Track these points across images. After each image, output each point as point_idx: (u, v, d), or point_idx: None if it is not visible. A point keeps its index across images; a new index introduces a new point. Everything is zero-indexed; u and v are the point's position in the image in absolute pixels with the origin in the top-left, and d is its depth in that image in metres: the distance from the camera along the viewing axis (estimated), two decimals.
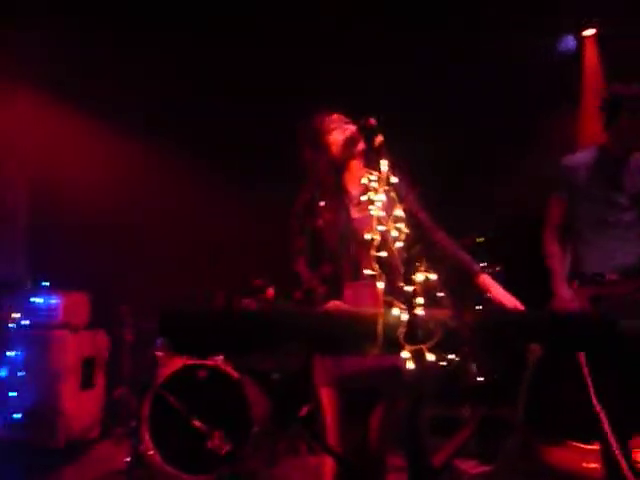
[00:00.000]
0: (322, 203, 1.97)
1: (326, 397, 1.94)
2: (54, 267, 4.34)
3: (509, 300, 1.83)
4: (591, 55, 4.66)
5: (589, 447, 2.91)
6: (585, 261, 2.51)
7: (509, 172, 4.52)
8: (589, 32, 4.66)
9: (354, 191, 2.02)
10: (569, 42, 4.64)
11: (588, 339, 1.56)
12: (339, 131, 2.00)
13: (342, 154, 2.01)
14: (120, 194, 4.69)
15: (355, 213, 1.97)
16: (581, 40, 4.70)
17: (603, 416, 1.66)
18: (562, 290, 2.47)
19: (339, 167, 2.03)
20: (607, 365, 1.97)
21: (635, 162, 2.53)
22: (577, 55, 4.71)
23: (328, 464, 1.96)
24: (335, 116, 2.05)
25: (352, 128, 1.93)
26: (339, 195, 2.00)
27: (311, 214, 1.99)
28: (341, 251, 1.92)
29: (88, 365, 4.16)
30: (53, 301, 4.07)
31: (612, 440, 1.71)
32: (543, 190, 2.83)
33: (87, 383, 4.13)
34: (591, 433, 2.77)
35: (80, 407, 3.98)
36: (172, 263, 4.70)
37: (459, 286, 1.76)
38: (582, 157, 2.63)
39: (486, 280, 1.91)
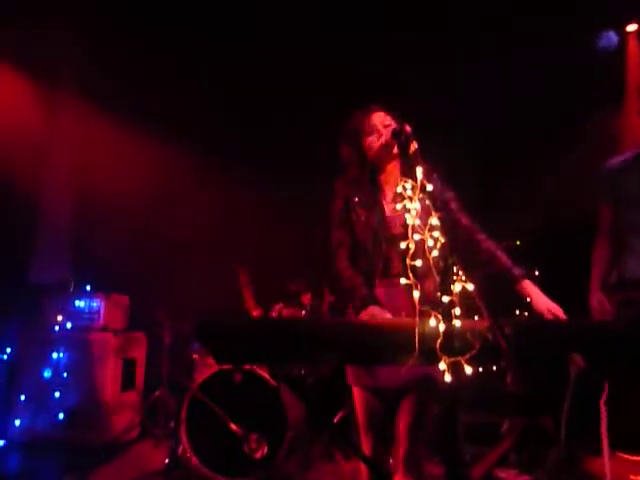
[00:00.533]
0: (356, 199, 1.99)
1: (358, 397, 1.95)
2: (96, 271, 4.47)
3: (550, 307, 1.78)
4: (634, 51, 4.50)
5: (637, 458, 2.81)
6: (625, 267, 2.45)
7: (549, 173, 4.41)
8: (632, 27, 4.50)
9: (389, 190, 2.01)
10: (611, 38, 4.48)
11: (622, 350, 1.51)
12: (376, 135, 1.98)
13: (377, 159, 2.00)
14: (158, 200, 4.81)
15: (389, 211, 1.97)
16: (624, 36, 4.55)
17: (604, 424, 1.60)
18: (592, 300, 2.46)
19: (375, 168, 2.03)
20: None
21: None
22: (620, 51, 4.56)
23: (364, 469, 1.95)
24: (377, 116, 2.01)
25: (387, 135, 1.91)
26: (374, 193, 2.00)
27: (348, 209, 2.00)
28: (373, 248, 1.93)
29: (128, 367, 4.26)
30: (95, 304, 4.20)
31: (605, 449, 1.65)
32: (583, 192, 2.77)
33: (127, 384, 4.23)
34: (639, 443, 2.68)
35: (120, 408, 4.09)
36: (208, 267, 4.78)
37: (496, 295, 1.72)
38: (626, 160, 2.55)
39: (528, 286, 1.86)
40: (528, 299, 1.84)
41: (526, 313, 1.81)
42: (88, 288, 4.29)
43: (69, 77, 4.65)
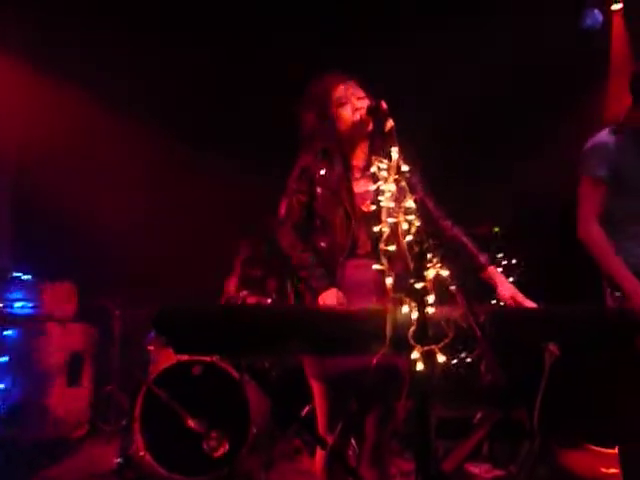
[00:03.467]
0: (322, 172, 1.96)
1: (316, 390, 1.94)
2: (38, 258, 4.37)
3: (515, 295, 1.81)
4: (618, 30, 4.64)
5: (608, 451, 2.94)
6: (629, 256, 2.32)
7: (530, 158, 4.51)
8: (616, 6, 4.64)
9: (358, 166, 2.01)
10: (596, 16, 4.59)
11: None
12: (349, 107, 1.96)
13: (348, 133, 1.99)
14: (104, 182, 4.73)
15: (357, 187, 1.97)
16: (609, 14, 4.67)
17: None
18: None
19: (344, 142, 2.01)
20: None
21: None
22: (604, 30, 4.68)
23: (319, 460, 1.96)
24: (348, 87, 1.99)
25: (362, 110, 1.91)
26: (343, 167, 1.98)
27: (309, 182, 1.97)
28: (341, 225, 1.91)
29: (75, 360, 4.21)
30: (37, 292, 4.11)
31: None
32: (565, 177, 2.79)
33: (74, 379, 4.18)
34: (611, 437, 2.81)
35: (67, 404, 4.04)
36: (160, 251, 4.72)
37: (471, 282, 1.76)
38: (619, 140, 2.45)
39: (493, 273, 1.90)
40: (493, 287, 1.87)
41: (493, 301, 1.86)
42: (30, 276, 4.20)
43: (12, 42, 4.49)
